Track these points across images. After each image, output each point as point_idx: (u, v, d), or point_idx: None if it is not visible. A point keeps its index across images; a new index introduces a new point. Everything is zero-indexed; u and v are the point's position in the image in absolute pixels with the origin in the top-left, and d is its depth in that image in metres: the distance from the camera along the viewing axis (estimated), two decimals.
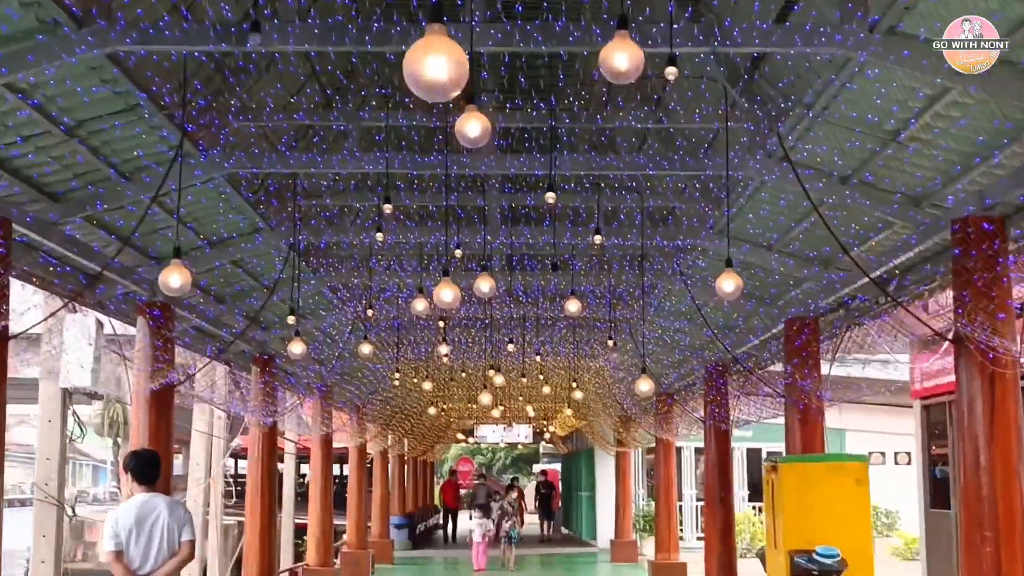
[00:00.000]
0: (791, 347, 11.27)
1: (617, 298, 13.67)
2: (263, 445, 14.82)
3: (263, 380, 14.64)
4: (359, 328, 14.40)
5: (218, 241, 10.45)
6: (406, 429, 28.50)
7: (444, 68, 3.84)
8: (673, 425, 19.88)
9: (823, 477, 9.77)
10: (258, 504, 14.73)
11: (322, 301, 13.87)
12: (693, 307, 13.50)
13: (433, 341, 15.84)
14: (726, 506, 15.59)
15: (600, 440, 28.24)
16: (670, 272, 12.35)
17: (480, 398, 12.69)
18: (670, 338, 15.39)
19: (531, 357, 18.50)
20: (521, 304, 14.27)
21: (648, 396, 10.08)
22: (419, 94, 3.96)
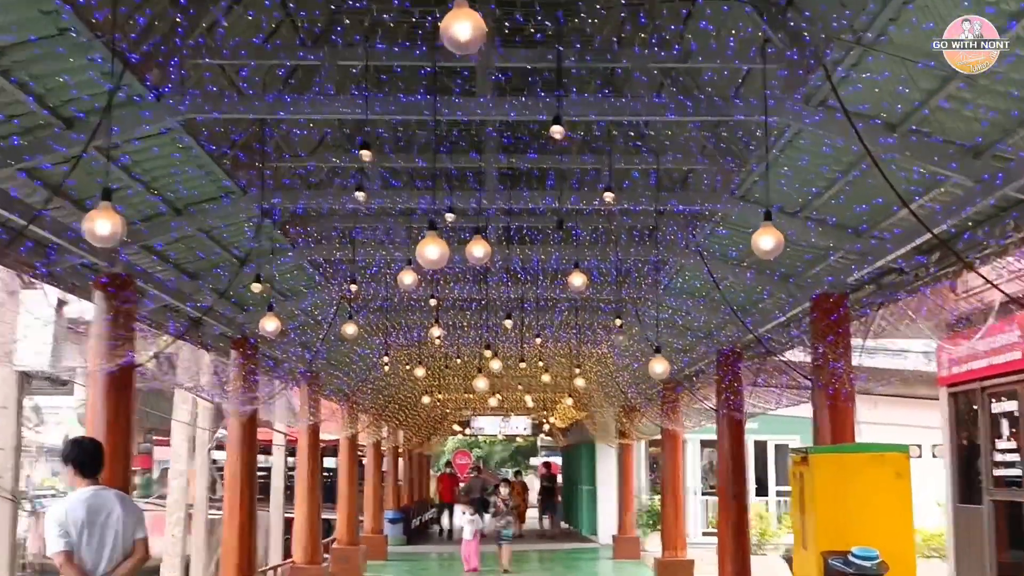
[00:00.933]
0: (819, 326, 10.19)
1: (624, 275, 12.58)
2: (242, 435, 13.74)
3: (242, 364, 13.56)
4: (345, 308, 13.31)
5: (180, 204, 9.35)
6: (400, 420, 27.43)
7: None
8: (680, 415, 18.85)
9: (860, 469, 8.69)
10: (237, 498, 13.66)
11: (303, 277, 12.76)
12: (709, 283, 12.43)
13: (426, 324, 14.75)
14: (740, 502, 14.54)
15: (602, 432, 27.19)
16: (683, 244, 11.26)
17: (475, 383, 11.60)
18: (681, 319, 14.31)
19: (530, 342, 17.43)
20: (519, 282, 13.18)
21: (663, 378, 8.99)
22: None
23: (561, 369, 22.68)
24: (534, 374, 23.53)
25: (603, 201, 8.24)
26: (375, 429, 25.71)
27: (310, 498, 18.23)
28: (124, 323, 9.06)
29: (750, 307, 12.54)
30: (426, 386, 22.29)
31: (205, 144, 7.96)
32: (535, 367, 20.30)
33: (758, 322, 12.39)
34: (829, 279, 10.27)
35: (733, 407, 14.38)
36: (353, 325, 11.80)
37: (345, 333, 11.86)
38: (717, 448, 14.87)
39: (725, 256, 11.17)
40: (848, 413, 10.11)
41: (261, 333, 9.62)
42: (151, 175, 8.62)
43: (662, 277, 12.50)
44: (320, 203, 9.43)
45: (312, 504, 18.25)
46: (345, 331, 11.85)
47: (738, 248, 10.78)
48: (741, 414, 14.54)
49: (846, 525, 8.58)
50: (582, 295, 13.23)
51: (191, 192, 9.20)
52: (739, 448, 14.70)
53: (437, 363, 20.65)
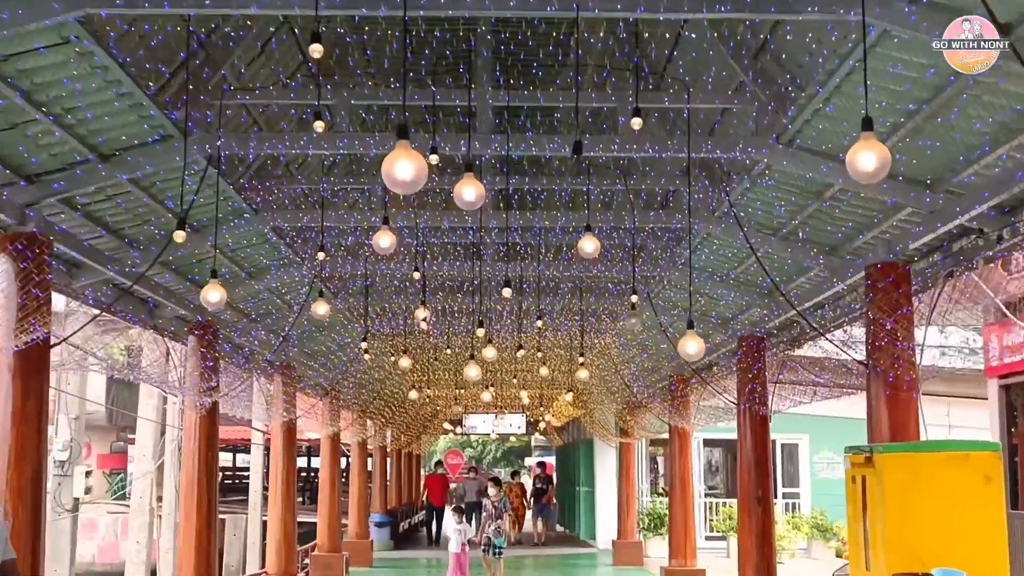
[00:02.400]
0: (877, 299, 8.52)
1: (639, 247, 10.92)
2: (200, 432, 12.06)
3: (199, 352, 11.89)
4: (319, 288, 11.63)
5: (109, 148, 7.67)
6: (386, 417, 25.73)
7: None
8: (691, 411, 17.22)
9: (941, 472, 7.04)
10: (193, 503, 11.98)
11: (267, 249, 11.05)
12: (733, 259, 10.80)
13: (411, 307, 13.06)
14: (765, 506, 12.90)
15: (601, 430, 25.52)
16: (713, 205, 9.59)
17: (466, 371, 9.94)
18: (703, 299, 12.66)
19: (528, 330, 15.76)
20: (518, 256, 11.54)
21: (696, 359, 7.35)
22: None
23: (560, 362, 21.02)
24: (530, 368, 21.85)
25: (620, 148, 6.50)
26: (360, 427, 24.06)
27: (285, 501, 16.57)
28: (32, 290, 7.37)
29: (784, 284, 10.91)
30: (413, 381, 20.55)
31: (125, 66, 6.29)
32: (533, 358, 18.63)
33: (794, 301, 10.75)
34: (880, 253, 8.62)
35: (757, 401, 12.75)
36: (324, 304, 10.13)
37: (316, 313, 10.19)
38: (738, 447, 13.23)
39: (770, 213, 9.48)
40: (911, 405, 8.46)
41: (204, 305, 7.92)
42: (62, 105, 6.93)
43: (684, 248, 10.83)
44: (275, 145, 7.76)
45: (287, 508, 16.58)
46: (316, 311, 10.18)
47: (786, 203, 9.10)
48: (766, 408, 12.91)
49: (923, 541, 6.94)
50: (591, 270, 11.60)
51: (119, 134, 7.52)
52: (763, 447, 13.05)
53: (425, 355, 18.96)
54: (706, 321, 13.74)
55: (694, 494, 18.51)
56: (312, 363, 16.15)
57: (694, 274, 11.47)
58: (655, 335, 14.58)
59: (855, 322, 9.64)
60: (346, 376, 17.34)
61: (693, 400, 16.34)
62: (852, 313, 9.65)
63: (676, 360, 15.20)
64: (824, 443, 27.73)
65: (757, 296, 11.66)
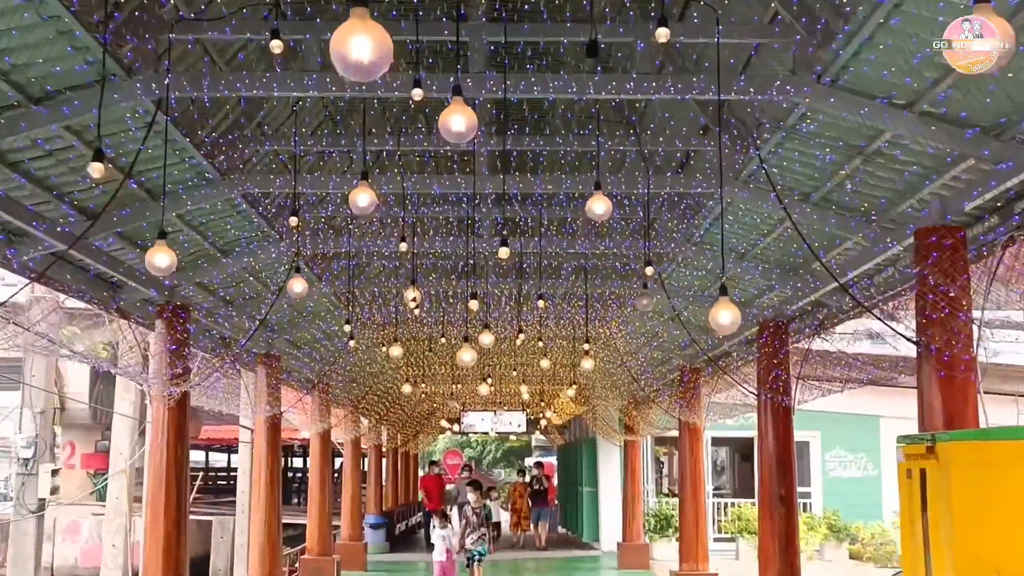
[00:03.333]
0: (928, 266, 7.42)
1: (653, 216, 9.83)
2: (169, 426, 10.96)
3: (167, 337, 10.80)
4: (296, 263, 10.52)
5: (37, 88, 6.57)
6: (380, 414, 24.61)
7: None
8: (702, 406, 16.13)
9: (1015, 463, 5.93)
10: (160, 504, 10.88)
11: (232, 216, 9.91)
12: (755, 235, 9.72)
13: (402, 290, 11.95)
14: (789, 507, 11.80)
15: (605, 428, 24.42)
16: (739, 164, 8.48)
17: (460, 355, 8.85)
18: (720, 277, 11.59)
19: (527, 316, 14.68)
20: (519, 229, 10.46)
21: (730, 331, 6.26)
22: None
23: (562, 354, 19.94)
24: (530, 362, 20.76)
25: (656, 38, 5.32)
26: (353, 424, 22.97)
27: (268, 502, 15.48)
28: None
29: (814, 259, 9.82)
30: (407, 374, 19.42)
31: None
32: (533, 349, 17.55)
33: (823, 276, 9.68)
34: (939, 208, 7.52)
35: (780, 391, 11.66)
36: (301, 281, 9.03)
37: (293, 291, 9.09)
38: (758, 442, 12.16)
39: (801, 180, 8.39)
40: (970, 390, 7.35)
41: (151, 271, 6.81)
42: None
43: (704, 217, 9.73)
44: (233, 85, 6.66)
45: (271, 509, 15.49)
46: (292, 288, 9.08)
47: (822, 162, 7.99)
48: (788, 399, 11.82)
49: (997, 546, 5.84)
50: (597, 246, 10.51)
51: (51, 71, 6.43)
52: (786, 442, 11.96)
53: (419, 346, 17.86)
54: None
55: (703, 493, 17.41)
56: (296, 353, 15.04)
57: (710, 250, 10.39)
58: (666, 321, 13.50)
59: (901, 295, 8.54)
60: (334, 368, 16.22)
61: (705, 393, 15.23)
62: (899, 286, 8.55)
63: (688, 348, 14.10)
64: (835, 441, 26.69)
65: (781, 274, 10.57)
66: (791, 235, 9.50)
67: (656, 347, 15.19)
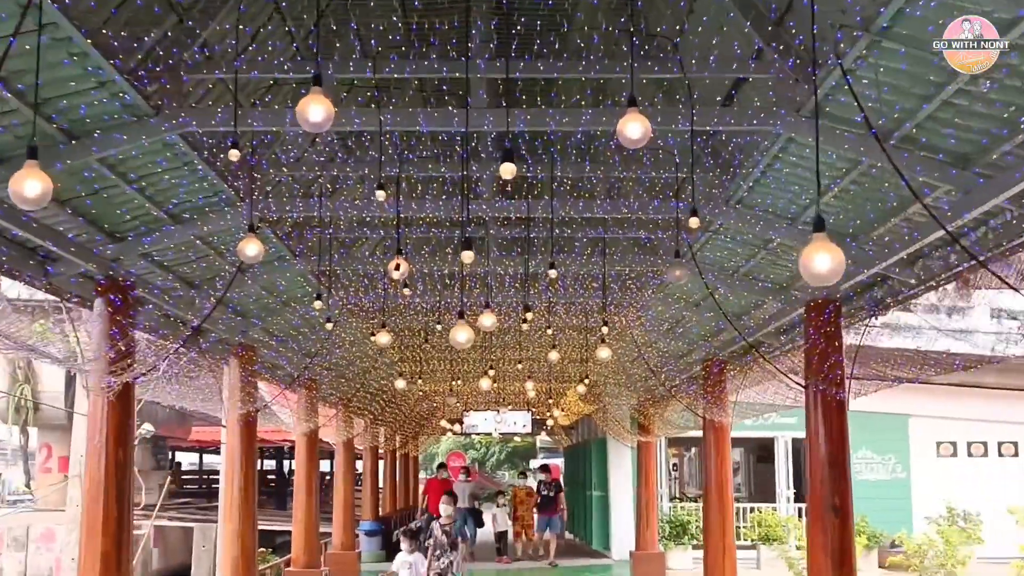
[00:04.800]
0: None
1: (685, 173, 8.03)
2: (109, 422, 9.19)
3: (106, 320, 9.05)
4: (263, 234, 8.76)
5: None
6: (375, 414, 22.85)
7: None
8: (727, 402, 14.36)
9: None
10: (99, 517, 9.10)
11: (180, 170, 8.10)
12: (802, 193, 7.95)
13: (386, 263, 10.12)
14: (843, 518, 9.99)
15: (616, 428, 22.64)
16: (799, 101, 6.69)
17: (454, 336, 7.09)
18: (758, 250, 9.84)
19: (533, 300, 12.91)
20: (525, 184, 8.68)
21: (833, 279, 4.50)
22: None
23: (571, 348, 18.16)
24: (536, 356, 18.97)
25: None
26: (346, 425, 21.22)
27: (243, 511, 13.70)
28: None
29: (877, 225, 8.05)
30: (401, 370, 17.60)
31: None
32: (540, 339, 15.76)
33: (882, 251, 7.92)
34: None
35: (834, 382, 9.88)
36: (255, 243, 7.25)
37: (245, 255, 7.31)
38: (807, 443, 10.35)
39: (881, 115, 6.57)
40: None
41: (16, 203, 5.03)
42: None
43: (756, 163, 7.93)
44: None
45: (245, 519, 13.72)
46: (244, 252, 7.30)
47: (905, 92, 6.21)
48: (842, 392, 10.04)
49: None
50: (620, 207, 8.73)
51: None
52: (840, 442, 10.14)
53: (413, 337, 16.10)
54: (756, 283, 10.87)
55: (731, 498, 15.59)
56: (270, 342, 13.27)
57: (756, 210, 8.61)
58: (694, 303, 11.73)
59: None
60: (317, 362, 14.43)
61: (732, 388, 13.44)
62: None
63: (720, 335, 12.30)
64: (862, 441, 24.96)
65: (839, 240, 8.77)
66: (860, 187, 7.73)
67: (681, 334, 13.38)
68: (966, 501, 22.14)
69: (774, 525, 24.03)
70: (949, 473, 25.19)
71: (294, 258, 10.64)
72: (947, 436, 26.13)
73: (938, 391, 23.97)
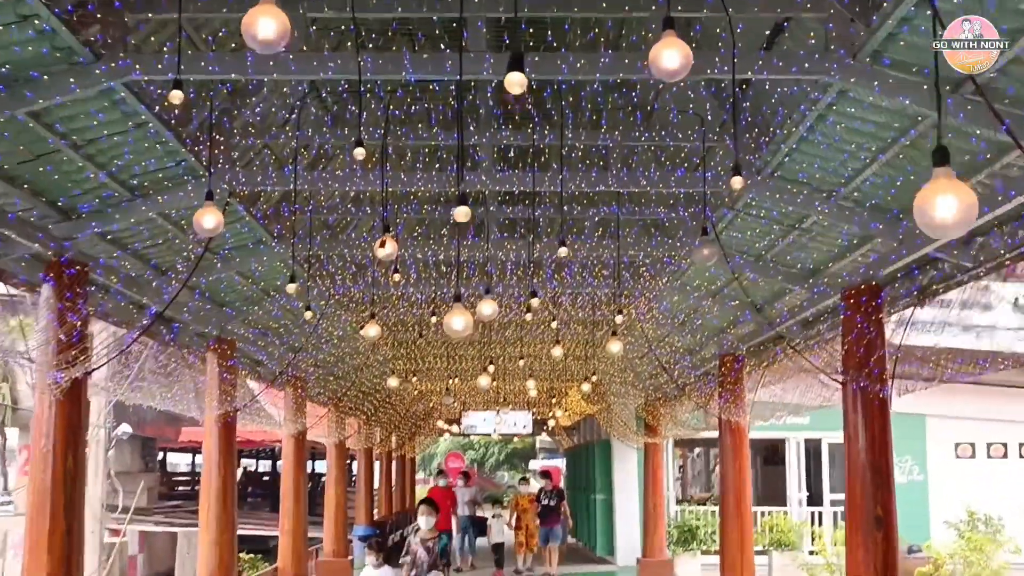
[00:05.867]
0: None
1: (736, 111, 6.90)
2: (56, 423, 8.08)
3: (53, 305, 7.94)
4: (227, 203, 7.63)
5: None
6: (367, 413, 21.71)
7: None
8: (744, 401, 13.27)
9: None
10: (45, 524, 7.99)
11: (110, 112, 6.94)
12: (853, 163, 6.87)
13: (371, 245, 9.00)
14: (887, 530, 8.89)
15: (621, 428, 21.52)
16: (855, 46, 5.59)
17: (449, 322, 6.02)
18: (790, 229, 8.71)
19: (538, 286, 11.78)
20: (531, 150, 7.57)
21: (965, 227, 3.41)
22: None
23: (576, 344, 17.07)
24: (538, 352, 17.87)
25: None
26: (337, 425, 20.10)
27: (222, 520, 12.57)
28: None
29: None
30: (394, 367, 16.46)
31: None
32: (543, 334, 14.65)
33: None
34: None
35: (877, 377, 8.79)
36: (213, 213, 6.14)
37: (201, 227, 6.20)
38: (845, 447, 9.27)
39: None
40: None
41: None
42: None
43: (797, 123, 6.82)
44: None
45: (224, 528, 12.60)
46: (201, 224, 6.19)
47: None
48: (886, 388, 8.94)
49: None
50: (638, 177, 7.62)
51: None
52: (883, 445, 9.08)
53: (408, 330, 14.98)
54: (787, 268, 9.77)
55: (749, 503, 14.47)
56: (247, 334, 12.13)
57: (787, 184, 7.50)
58: (715, 291, 10.63)
59: None
60: (302, 357, 13.30)
61: (756, 384, 12.33)
62: None
63: (742, 323, 11.17)
64: None
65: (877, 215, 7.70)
66: (919, 152, 6.63)
67: (698, 326, 12.26)
68: (986, 504, 21.09)
69: (786, 530, 22.94)
70: (968, 475, 24.15)
71: (272, 240, 9.51)
72: (965, 437, 25.07)
73: (955, 389, 22.90)
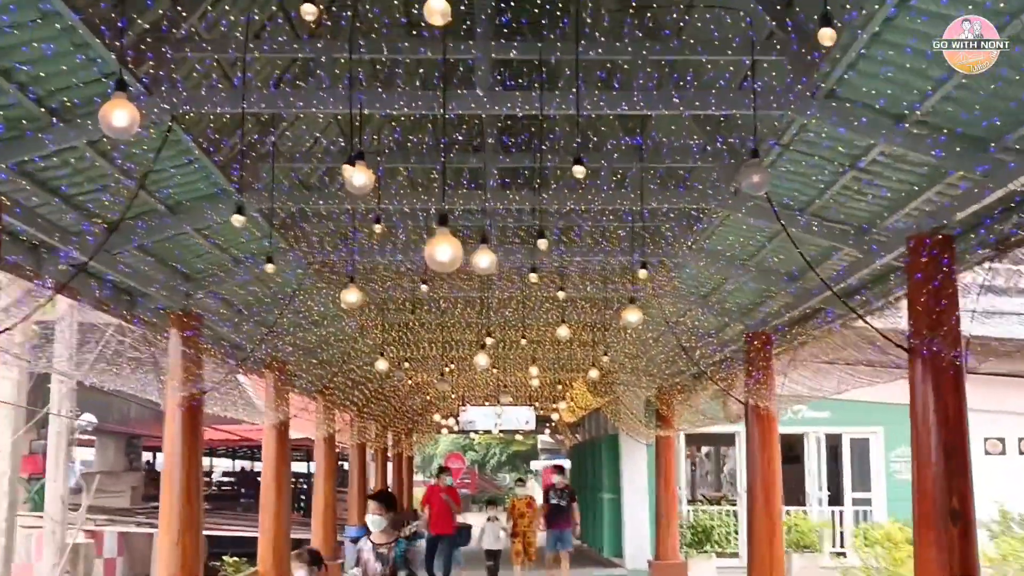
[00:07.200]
0: None
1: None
2: None
3: None
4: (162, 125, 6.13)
5: None
6: (359, 407, 20.24)
7: None
8: (774, 386, 11.82)
9: None
10: None
11: (66, 60, 5.47)
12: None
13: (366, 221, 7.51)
14: (964, 526, 7.39)
15: (630, 422, 20.06)
16: None
17: (432, 251, 4.68)
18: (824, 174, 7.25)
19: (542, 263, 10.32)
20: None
21: None
22: None
23: (583, 327, 15.58)
24: (542, 338, 16.37)
25: None
26: (326, 418, 18.65)
27: (186, 517, 11.08)
28: None
29: None
30: (382, 350, 14.92)
31: None
32: (549, 311, 13.18)
33: None
34: None
35: (948, 340, 7.31)
36: (124, 106, 4.67)
37: (109, 125, 4.74)
38: (912, 427, 7.76)
39: None
40: None
41: None
42: None
43: (863, 32, 5.33)
44: None
45: (188, 528, 11.10)
46: (109, 120, 4.73)
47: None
48: (962, 353, 7.47)
49: None
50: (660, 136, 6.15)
51: None
52: (958, 424, 7.55)
53: (397, 304, 13.51)
54: (829, 222, 8.30)
55: (779, 501, 12.99)
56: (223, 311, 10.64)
57: (844, 109, 6.01)
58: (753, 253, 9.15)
59: None
60: (278, 332, 11.81)
61: (795, 360, 10.86)
62: None
63: (787, 289, 9.66)
64: (902, 438, 22.17)
65: (954, 143, 6.24)
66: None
67: (730, 293, 10.75)
68: (1019, 503, 19.65)
69: (806, 531, 21.54)
70: (997, 472, 22.67)
71: (231, 186, 8.01)
72: (995, 432, 23.70)
73: (983, 381, 21.49)
